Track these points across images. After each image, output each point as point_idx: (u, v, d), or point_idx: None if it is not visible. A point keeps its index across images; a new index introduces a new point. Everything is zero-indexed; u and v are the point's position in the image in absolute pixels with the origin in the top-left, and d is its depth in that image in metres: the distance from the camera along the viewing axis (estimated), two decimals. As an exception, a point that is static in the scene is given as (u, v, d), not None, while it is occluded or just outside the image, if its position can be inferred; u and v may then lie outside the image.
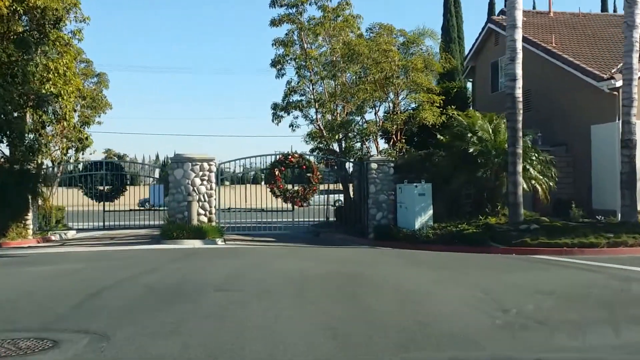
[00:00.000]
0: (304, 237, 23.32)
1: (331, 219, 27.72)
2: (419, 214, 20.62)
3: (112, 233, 25.90)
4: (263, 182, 23.78)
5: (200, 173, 21.19)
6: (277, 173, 21.68)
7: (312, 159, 23.19)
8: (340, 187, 27.61)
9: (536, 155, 20.75)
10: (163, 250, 18.57)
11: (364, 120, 24.76)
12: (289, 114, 28.30)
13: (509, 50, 19.57)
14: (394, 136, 23.49)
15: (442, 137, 22.54)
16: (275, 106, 28.07)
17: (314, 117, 27.79)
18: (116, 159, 32.08)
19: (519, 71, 19.29)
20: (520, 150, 19.07)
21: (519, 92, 19.20)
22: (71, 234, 24.94)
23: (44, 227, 24.38)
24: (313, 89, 26.97)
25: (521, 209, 19.15)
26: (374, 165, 22.12)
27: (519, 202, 19.03)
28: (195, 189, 21.10)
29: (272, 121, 28.28)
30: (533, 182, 20.27)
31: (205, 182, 21.21)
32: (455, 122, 21.47)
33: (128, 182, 27.91)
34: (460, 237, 18.92)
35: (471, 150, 20.13)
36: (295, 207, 23.16)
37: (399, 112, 22.99)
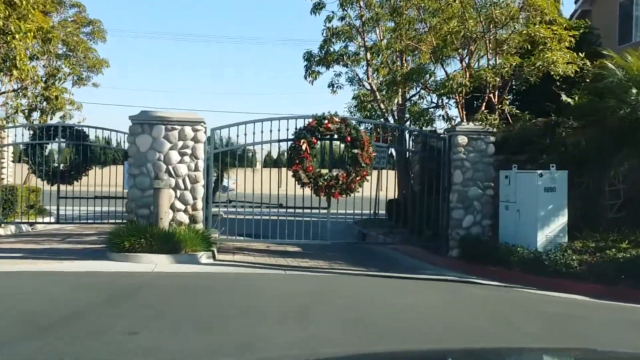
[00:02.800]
0: (345, 247, 14.99)
1: (380, 212, 19.34)
2: (544, 222, 12.09)
3: (70, 228, 18.06)
4: (285, 163, 15.36)
5: (180, 144, 12.95)
6: (304, 147, 13.37)
7: (361, 127, 14.72)
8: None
9: None
10: (96, 274, 10.47)
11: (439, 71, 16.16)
12: (328, 68, 19.93)
13: None
14: (491, 95, 14.89)
15: (571, 99, 13.92)
16: (309, 57, 19.68)
17: (364, 74, 19.52)
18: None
19: None
20: None
21: None
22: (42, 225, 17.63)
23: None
24: (363, 30, 18.52)
25: None
26: (461, 140, 13.63)
27: None
28: (171, 168, 12.88)
29: (305, 78, 19.96)
30: None
31: (187, 159, 12.97)
32: (604, 71, 12.82)
33: (103, 158, 19.81)
34: (633, 270, 10.37)
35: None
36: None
37: (506, 53, 14.30)
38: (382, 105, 18.88)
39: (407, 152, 15.79)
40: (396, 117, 18.87)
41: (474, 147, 13.70)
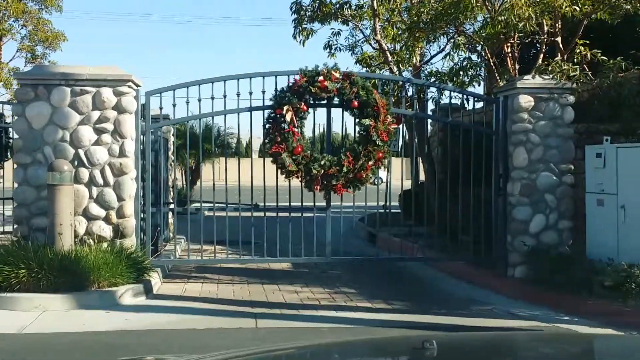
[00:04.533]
0: (355, 265, 10.30)
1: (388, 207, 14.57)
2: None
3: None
4: (260, 145, 10.45)
5: (95, 115, 8.31)
6: (289, 118, 8.76)
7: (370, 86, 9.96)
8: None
9: None
10: None
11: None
12: (323, 23, 15.24)
13: None
14: (558, 40, 10.25)
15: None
16: (298, 9, 15.00)
17: (369, 32, 15.11)
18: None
19: None
20: None
21: None
22: None
23: None
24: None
25: None
26: (525, 102, 9.03)
27: None
28: (82, 153, 8.28)
29: (294, 37, 15.27)
30: None
31: (107, 138, 8.34)
32: None
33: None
34: None
35: None
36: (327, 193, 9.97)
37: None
38: (394, 69, 14.24)
39: (437, 122, 10.92)
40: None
41: (543, 113, 9.10)
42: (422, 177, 16.45)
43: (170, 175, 13.60)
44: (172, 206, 11.24)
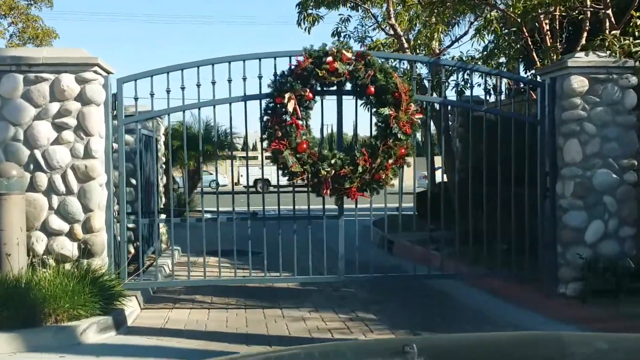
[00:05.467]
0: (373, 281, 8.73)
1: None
2: None
3: None
4: (259, 142, 8.83)
5: (54, 107, 6.80)
6: (291, 107, 7.23)
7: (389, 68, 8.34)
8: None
9: None
10: None
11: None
12: (330, 8, 13.67)
13: None
14: (609, 13, 8.63)
15: None
16: (302, -7, 13.50)
17: (383, 17, 13.76)
18: None
19: None
20: None
21: None
22: None
23: None
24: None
25: None
26: (577, 83, 7.43)
27: None
28: (39, 154, 6.77)
29: (299, 24, 13.77)
30: None
31: (69, 135, 6.82)
32: None
33: None
34: None
35: None
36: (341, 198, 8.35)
37: None
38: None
39: (470, 110, 9.14)
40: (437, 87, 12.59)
41: (600, 97, 7.50)
42: (437, 175, 14.86)
43: (161, 180, 12.12)
44: (163, 215, 9.87)
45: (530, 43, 8.89)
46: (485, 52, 9.59)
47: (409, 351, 2.27)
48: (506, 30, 8.86)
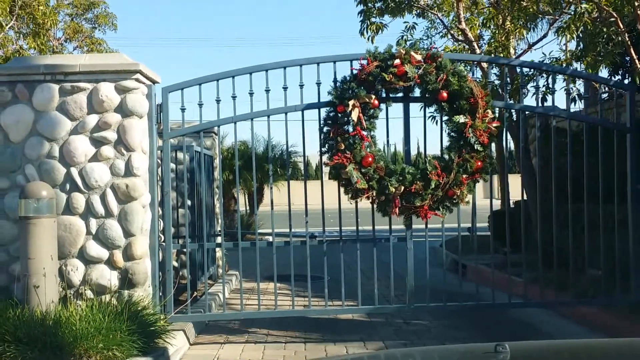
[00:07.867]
0: (446, 310, 7.75)
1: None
2: None
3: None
4: (319, 164, 7.97)
5: (92, 120, 6.14)
6: (355, 116, 6.42)
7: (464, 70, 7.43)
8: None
9: None
10: None
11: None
12: (395, 16, 12.80)
13: None
14: None
15: None
16: (365, 0, 12.68)
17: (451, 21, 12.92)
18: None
19: None
20: None
21: None
22: None
23: None
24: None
25: None
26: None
27: None
28: (75, 172, 6.10)
29: (361, 33, 12.90)
30: None
31: (109, 151, 6.15)
32: None
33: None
34: None
35: None
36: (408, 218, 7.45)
37: None
38: (484, 64, 11.68)
39: (551, 118, 8.05)
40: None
41: None
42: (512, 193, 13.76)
43: (217, 201, 11.45)
44: (219, 239, 9.12)
45: (627, 38, 7.82)
46: (578, 49, 8.52)
47: (502, 351, 2.25)
48: (598, 27, 7.80)
